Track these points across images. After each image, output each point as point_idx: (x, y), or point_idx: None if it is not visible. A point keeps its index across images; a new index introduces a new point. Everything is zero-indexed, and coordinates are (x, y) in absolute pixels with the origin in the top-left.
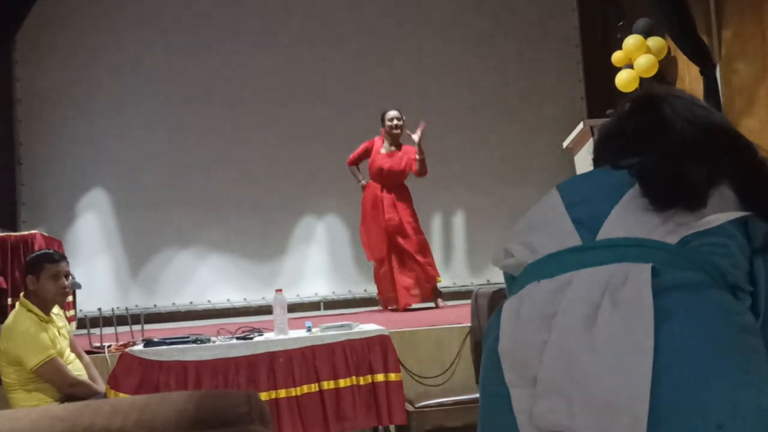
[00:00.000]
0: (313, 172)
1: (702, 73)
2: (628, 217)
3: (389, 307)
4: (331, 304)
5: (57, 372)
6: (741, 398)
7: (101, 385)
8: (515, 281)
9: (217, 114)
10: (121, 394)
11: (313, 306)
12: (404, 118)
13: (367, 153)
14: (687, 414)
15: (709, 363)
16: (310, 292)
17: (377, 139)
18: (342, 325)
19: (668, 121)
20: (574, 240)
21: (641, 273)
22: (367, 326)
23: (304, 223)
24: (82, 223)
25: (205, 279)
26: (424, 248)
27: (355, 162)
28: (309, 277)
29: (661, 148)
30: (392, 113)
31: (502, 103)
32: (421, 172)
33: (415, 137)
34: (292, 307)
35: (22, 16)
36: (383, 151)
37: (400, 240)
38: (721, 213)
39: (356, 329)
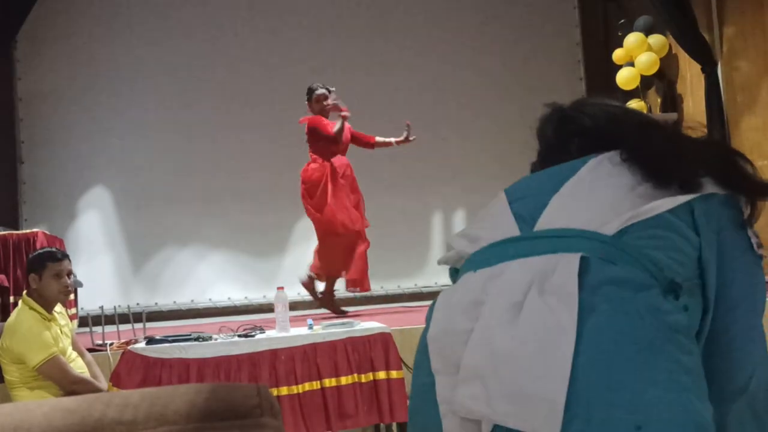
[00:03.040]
0: None
1: (703, 70)
2: (565, 208)
3: (349, 289)
4: None
5: (59, 370)
6: (664, 400)
7: (103, 383)
8: (458, 274)
9: (218, 112)
10: None
11: (315, 303)
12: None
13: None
14: (604, 411)
15: (633, 362)
16: None
17: (319, 118)
18: (344, 323)
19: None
20: (513, 231)
21: (569, 263)
22: (369, 324)
23: (304, 220)
24: (84, 221)
25: (207, 277)
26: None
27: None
28: None
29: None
30: (323, 90)
31: (502, 101)
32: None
33: (395, 139)
34: (294, 305)
35: (23, 15)
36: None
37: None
38: (662, 200)
39: (358, 327)
